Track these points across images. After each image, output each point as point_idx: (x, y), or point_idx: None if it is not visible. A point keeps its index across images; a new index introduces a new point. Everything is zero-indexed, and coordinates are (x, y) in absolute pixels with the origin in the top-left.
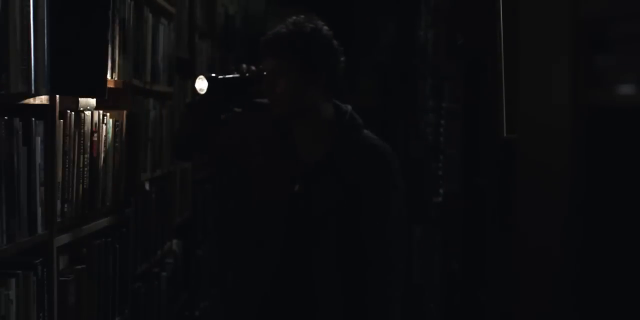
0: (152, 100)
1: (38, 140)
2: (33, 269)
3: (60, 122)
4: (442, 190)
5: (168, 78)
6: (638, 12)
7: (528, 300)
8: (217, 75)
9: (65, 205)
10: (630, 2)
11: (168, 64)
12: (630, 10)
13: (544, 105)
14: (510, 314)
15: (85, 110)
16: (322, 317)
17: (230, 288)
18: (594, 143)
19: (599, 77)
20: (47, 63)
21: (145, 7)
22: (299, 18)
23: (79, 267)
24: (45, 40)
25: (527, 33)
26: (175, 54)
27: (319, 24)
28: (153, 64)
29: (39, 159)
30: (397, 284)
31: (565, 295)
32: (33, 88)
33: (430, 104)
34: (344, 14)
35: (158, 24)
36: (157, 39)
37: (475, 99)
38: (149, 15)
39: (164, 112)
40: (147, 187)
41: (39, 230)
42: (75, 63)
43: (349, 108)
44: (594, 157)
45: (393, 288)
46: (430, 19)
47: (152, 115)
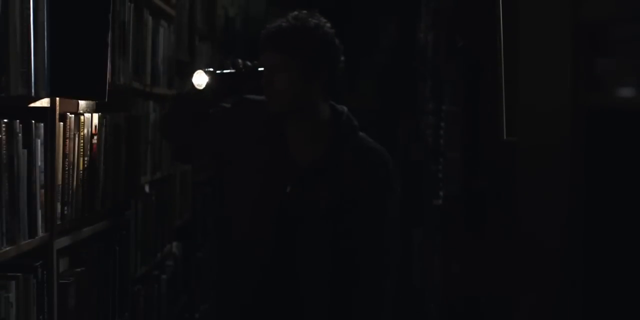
0: (152, 103)
1: (38, 143)
2: (33, 272)
3: (60, 124)
4: (442, 193)
5: (168, 80)
6: (638, 15)
7: (528, 303)
8: (215, 70)
9: (66, 208)
10: (630, 5)
11: (168, 67)
12: (630, 14)
13: (544, 108)
14: (511, 317)
15: (86, 113)
16: None
17: (217, 291)
18: (594, 146)
19: (599, 80)
20: (47, 65)
21: (145, 9)
22: (301, 13)
23: (79, 269)
24: (46, 43)
25: (527, 35)
26: (176, 57)
27: (322, 20)
28: (153, 67)
29: (39, 162)
30: (389, 290)
31: (566, 298)
32: (33, 91)
33: (430, 106)
34: (344, 16)
35: (158, 27)
36: (157, 42)
37: (475, 102)
38: (149, 18)
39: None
40: (147, 189)
41: (39, 233)
42: (76, 65)
43: (345, 109)
44: (594, 159)
45: (384, 294)
46: (431, 21)
47: (152, 118)
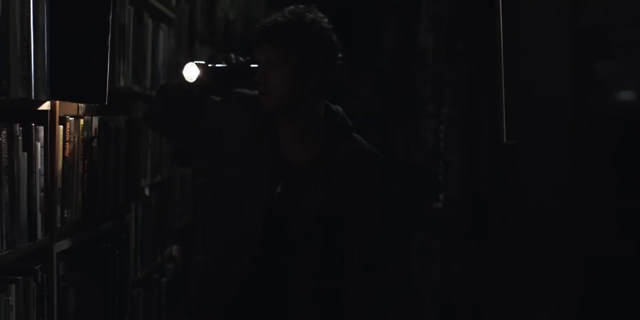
0: None
1: (38, 146)
2: (33, 275)
3: (60, 127)
4: (441, 196)
5: None
6: (637, 19)
7: (528, 306)
8: (207, 64)
9: (65, 211)
10: (630, 9)
11: (168, 70)
12: (629, 18)
13: (544, 111)
14: None
15: (86, 116)
16: None
17: (195, 295)
18: (594, 148)
19: (599, 83)
20: (47, 69)
21: (145, 12)
22: (298, 7)
23: (79, 273)
24: (46, 46)
25: (527, 39)
26: (176, 60)
27: (319, 16)
28: (153, 70)
29: (39, 165)
30: (381, 297)
31: (566, 301)
32: (33, 94)
33: (430, 110)
34: (345, 19)
35: (158, 30)
36: (157, 45)
37: (475, 105)
38: (149, 21)
39: None
40: (147, 192)
41: (39, 236)
42: (76, 69)
43: (340, 109)
44: (594, 162)
45: (375, 301)
46: (431, 25)
47: None
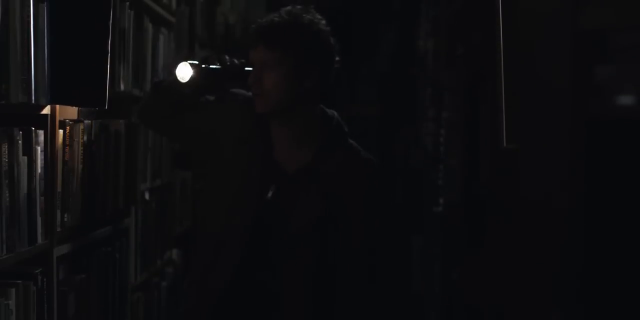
0: None
1: (38, 150)
2: (33, 279)
3: (60, 131)
4: (442, 200)
5: None
6: (636, 23)
7: (528, 309)
8: (200, 64)
9: (65, 215)
10: (630, 14)
11: (168, 74)
12: (630, 22)
13: (544, 116)
14: None
15: (86, 120)
16: None
17: (183, 299)
18: (593, 152)
19: (598, 87)
20: (47, 73)
21: (146, 16)
22: (295, 8)
23: (79, 277)
24: (46, 50)
25: (527, 43)
26: (176, 64)
27: (317, 17)
28: (153, 74)
29: (39, 169)
30: (375, 306)
31: (566, 303)
32: (33, 98)
33: (430, 114)
34: (345, 23)
35: (158, 34)
36: (157, 49)
37: (475, 109)
38: (149, 25)
39: None
40: (147, 196)
41: (39, 240)
42: (76, 73)
43: (335, 114)
44: (593, 166)
45: (369, 310)
46: (431, 29)
47: None
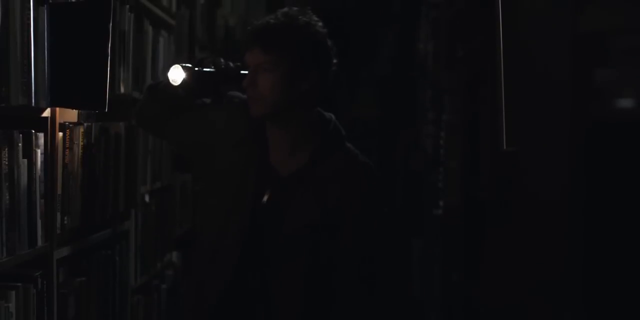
0: None
1: (38, 153)
2: (33, 282)
3: (60, 134)
4: (441, 203)
5: None
6: (636, 26)
7: (528, 312)
8: (194, 67)
9: (65, 218)
10: (630, 17)
11: (163, 77)
12: (630, 25)
13: (544, 118)
14: None
15: (86, 123)
16: None
17: (184, 301)
18: (593, 156)
19: (598, 90)
20: (47, 75)
21: (146, 19)
22: (292, 10)
23: (79, 279)
24: (46, 53)
25: (526, 46)
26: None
27: (313, 19)
28: (153, 76)
29: (39, 172)
30: (372, 310)
31: (566, 306)
32: (33, 100)
33: (430, 116)
34: (344, 26)
35: (158, 37)
36: (157, 52)
37: (475, 111)
38: (149, 28)
39: None
40: (147, 199)
41: (39, 243)
42: (76, 76)
43: (333, 117)
44: (593, 169)
45: (365, 315)
46: (431, 31)
47: None
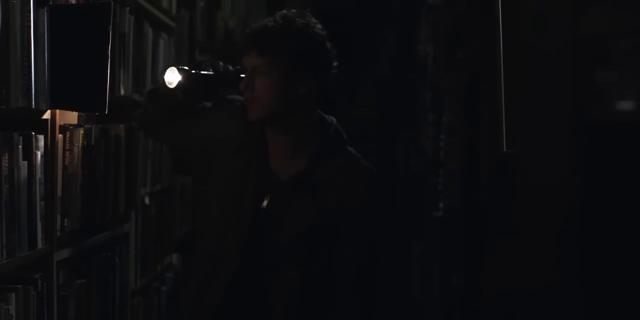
0: None
1: (38, 155)
2: (33, 284)
3: (60, 136)
4: (441, 205)
5: None
6: (636, 28)
7: (528, 314)
8: (190, 69)
9: (66, 220)
10: (629, 18)
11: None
12: (629, 27)
13: (544, 120)
14: None
15: (86, 125)
16: None
17: (185, 306)
18: (593, 158)
19: (598, 93)
20: (47, 78)
21: (146, 21)
22: (290, 12)
23: (79, 281)
24: (46, 55)
25: (527, 48)
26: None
27: (312, 21)
28: (153, 79)
29: (39, 174)
30: (371, 314)
31: (566, 308)
32: (33, 103)
33: (430, 118)
34: (345, 28)
35: (158, 39)
36: (157, 54)
37: (475, 114)
38: (149, 30)
39: None
40: (147, 201)
41: (39, 245)
42: (76, 78)
43: (334, 120)
44: (593, 172)
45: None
46: (430, 33)
47: None
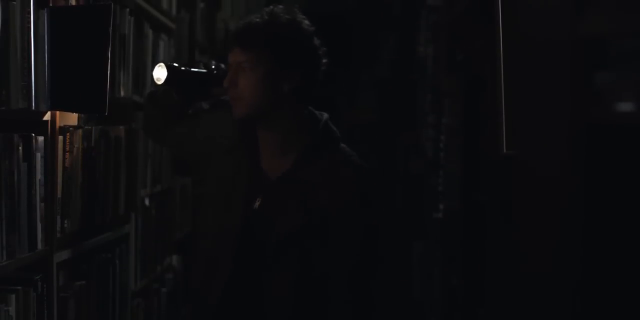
0: None
1: (38, 156)
2: (33, 285)
3: (60, 137)
4: (441, 206)
5: None
6: (636, 29)
7: (528, 316)
8: (179, 66)
9: (65, 221)
10: (629, 20)
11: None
12: (629, 28)
13: (544, 122)
14: None
15: (86, 126)
16: None
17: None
18: (593, 159)
19: (598, 94)
20: (47, 79)
21: (146, 23)
22: (277, 8)
23: (79, 283)
24: (46, 56)
25: (526, 49)
26: None
27: (298, 17)
28: (153, 80)
29: (39, 175)
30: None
31: (567, 310)
32: (34, 104)
33: (430, 120)
34: (345, 29)
35: (158, 40)
36: (157, 55)
37: (475, 115)
38: (149, 31)
39: None
40: (147, 202)
41: (39, 246)
42: (76, 79)
43: (325, 116)
44: (593, 173)
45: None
46: (430, 35)
47: None
